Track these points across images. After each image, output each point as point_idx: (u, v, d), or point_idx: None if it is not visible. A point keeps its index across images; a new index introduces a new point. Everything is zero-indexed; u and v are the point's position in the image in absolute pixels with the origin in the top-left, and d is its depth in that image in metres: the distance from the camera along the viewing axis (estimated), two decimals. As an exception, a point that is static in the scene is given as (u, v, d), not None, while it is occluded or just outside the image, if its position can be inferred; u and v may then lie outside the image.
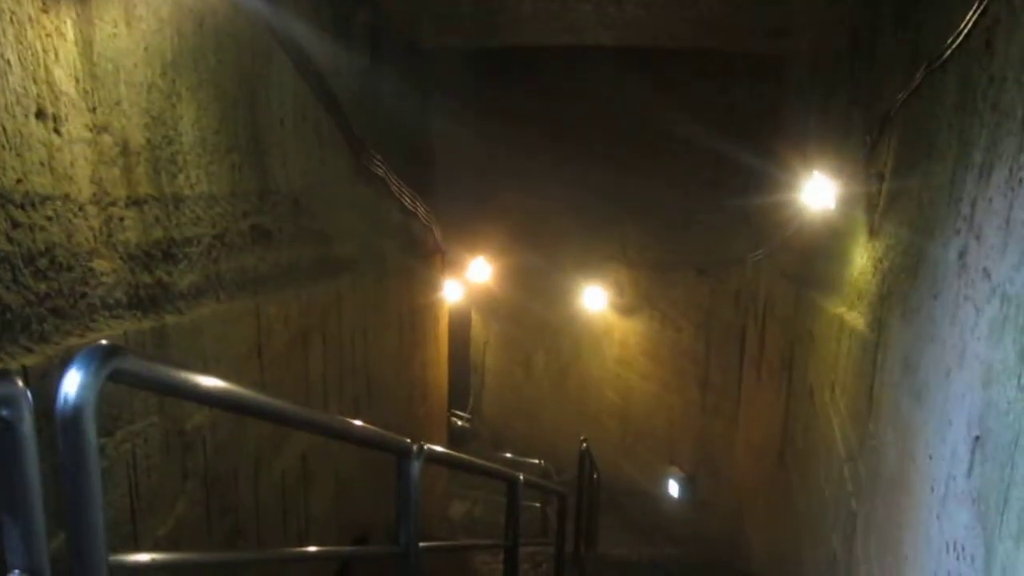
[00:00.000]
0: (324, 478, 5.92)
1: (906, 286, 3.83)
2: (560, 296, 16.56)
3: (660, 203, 14.13)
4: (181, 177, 3.72)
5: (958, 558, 2.39)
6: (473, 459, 4.67)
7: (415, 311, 9.10)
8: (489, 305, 18.76)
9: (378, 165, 6.92)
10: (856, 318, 5.03)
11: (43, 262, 2.78)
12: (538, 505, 12.36)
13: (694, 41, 9.35)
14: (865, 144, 5.22)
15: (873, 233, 5.07)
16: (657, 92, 12.80)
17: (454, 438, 16.79)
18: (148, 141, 3.44)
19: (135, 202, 3.34)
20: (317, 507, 5.75)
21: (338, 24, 6.31)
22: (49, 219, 2.81)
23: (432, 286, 10.19)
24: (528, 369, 18.93)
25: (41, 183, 2.76)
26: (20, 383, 1.36)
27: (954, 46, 3.22)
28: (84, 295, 3.00)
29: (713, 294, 13.93)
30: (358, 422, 3.15)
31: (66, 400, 1.47)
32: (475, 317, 20.20)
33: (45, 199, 2.78)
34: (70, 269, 2.92)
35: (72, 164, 2.94)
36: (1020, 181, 2.29)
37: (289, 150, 5.08)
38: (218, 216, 4.07)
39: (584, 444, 8.71)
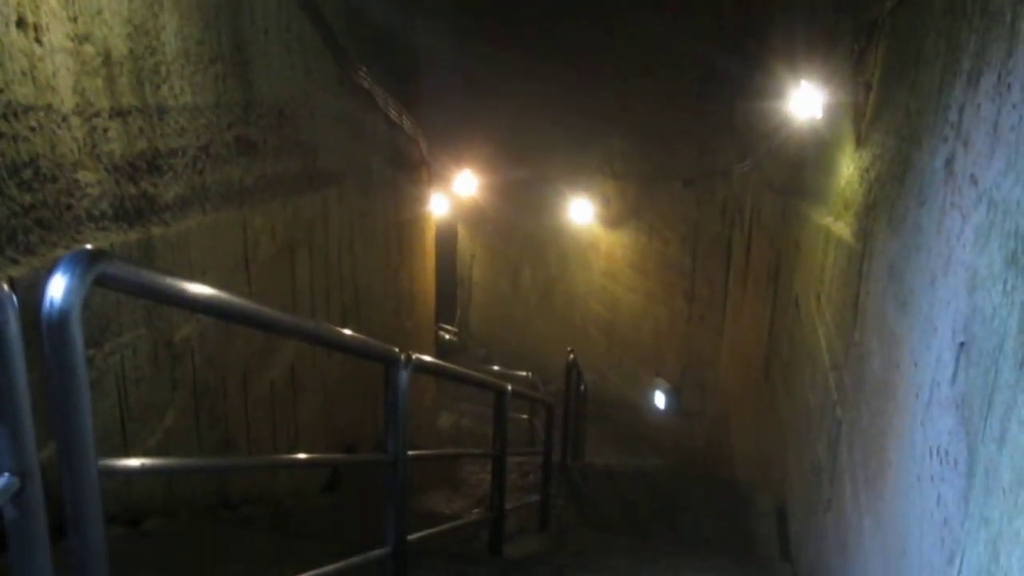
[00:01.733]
0: (312, 389, 5.97)
1: (893, 195, 3.82)
2: (547, 210, 16.57)
3: (647, 116, 14.05)
4: (165, 88, 3.67)
5: (941, 463, 2.43)
6: (461, 369, 4.69)
7: (401, 224, 9.08)
8: (476, 219, 18.75)
9: (363, 77, 6.85)
10: (842, 228, 5.03)
11: (27, 173, 2.75)
12: (525, 417, 12.48)
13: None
14: (852, 53, 5.18)
15: (860, 143, 5.05)
16: (643, 6, 12.65)
17: (442, 351, 16.89)
18: (131, 51, 3.39)
19: (119, 113, 3.30)
20: (306, 417, 5.80)
21: (321, -70, 6.20)
22: (32, 129, 2.77)
23: (418, 200, 10.16)
24: (515, 283, 19.01)
25: (24, 93, 2.72)
26: (4, 287, 1.36)
27: (945, -50, 3.18)
28: (69, 206, 2.98)
29: (699, 205, 13.92)
30: (347, 330, 3.15)
31: (52, 304, 1.46)
32: (461, 231, 20.20)
33: (28, 109, 2.75)
34: (54, 180, 2.89)
35: (54, 74, 2.89)
36: (1008, 87, 2.27)
37: (273, 61, 5.02)
38: (203, 127, 4.03)
39: (571, 356, 8.76)
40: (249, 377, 4.73)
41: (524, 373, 15.94)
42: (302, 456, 5.08)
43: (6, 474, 1.38)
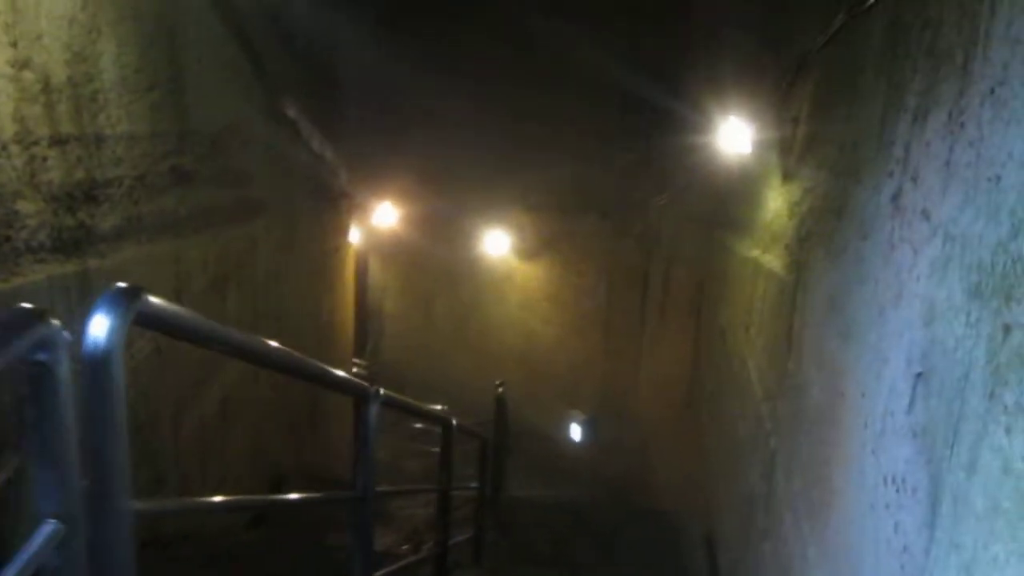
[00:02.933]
0: (243, 422, 5.85)
1: (830, 229, 3.90)
2: (462, 241, 16.52)
3: (564, 147, 14.14)
4: (102, 116, 3.59)
5: (898, 491, 2.47)
6: (418, 404, 4.70)
7: (324, 255, 9.00)
8: (390, 251, 18.64)
9: (289, 106, 6.78)
10: (772, 260, 5.12)
11: (-35, 203, 2.66)
12: (436, 450, 12.41)
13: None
14: (779, 88, 5.29)
15: (788, 177, 5.16)
16: (563, 33, 12.73)
17: (355, 383, 16.63)
18: (69, 78, 3.30)
19: (58, 141, 3.22)
20: (236, 451, 5.69)
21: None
22: (-29, 160, 2.69)
23: (339, 231, 10.08)
24: (428, 314, 18.88)
25: (-39, 120, 2.64)
26: (55, 323, 1.31)
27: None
28: (8, 238, 2.88)
29: (616, 237, 14.06)
30: (331, 368, 3.10)
31: (95, 344, 1.43)
32: (373, 263, 20.05)
33: (-33, 138, 2.67)
34: (-8, 212, 2.80)
35: (-8, 101, 2.81)
36: (961, 125, 2.34)
37: (206, 89, 4.94)
38: (139, 157, 3.95)
39: (500, 389, 8.75)
40: (181, 411, 4.62)
41: (439, 407, 15.80)
42: (289, 496, 4.94)
43: (52, 521, 1.31)
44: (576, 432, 14.99)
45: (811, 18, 4.69)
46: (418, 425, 14.50)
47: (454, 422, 4.81)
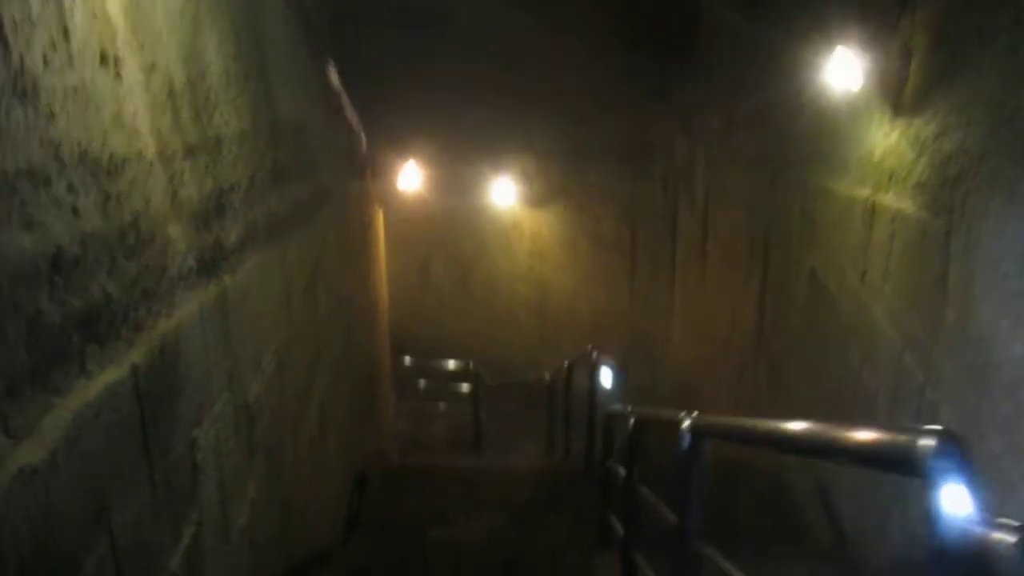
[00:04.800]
0: (334, 425, 5.53)
1: (1006, 169, 3.58)
2: (464, 191, 16.02)
3: (569, 87, 13.66)
4: (217, 115, 3.20)
5: None
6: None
7: (364, 230, 8.61)
8: (384, 205, 18.15)
9: (334, 78, 6.37)
10: (897, 201, 4.80)
11: (131, 238, 2.30)
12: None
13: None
14: (890, 13, 4.94)
15: (902, 111, 4.83)
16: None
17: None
18: (188, 78, 2.92)
19: (189, 152, 2.84)
20: (332, 457, 5.38)
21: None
22: (131, 184, 2.32)
23: (370, 201, 9.68)
24: (426, 270, 18.38)
25: (118, 143, 2.26)
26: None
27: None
28: (164, 269, 2.53)
29: (637, 180, 13.65)
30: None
31: None
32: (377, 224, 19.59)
33: (124, 161, 2.29)
34: (152, 240, 2.44)
35: (135, 115, 2.43)
36: None
37: (283, 73, 4.54)
38: (248, 156, 3.57)
39: (594, 353, 8.40)
40: (297, 425, 4.29)
41: (458, 362, 15.41)
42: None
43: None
44: (607, 379, 14.66)
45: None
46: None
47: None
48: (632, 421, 3.87)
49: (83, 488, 1.90)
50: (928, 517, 1.64)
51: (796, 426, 2.35)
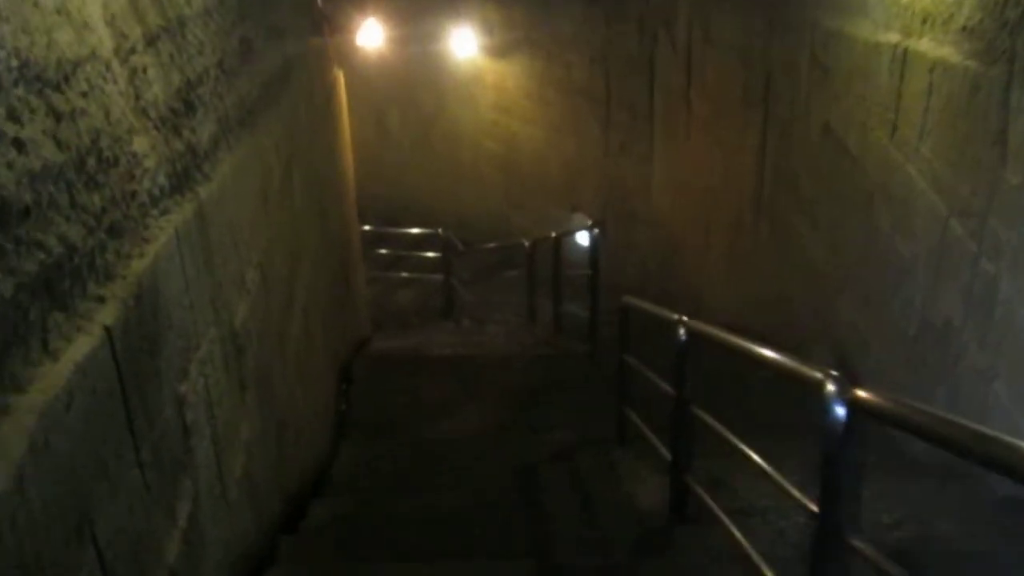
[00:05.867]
0: (315, 327, 5.09)
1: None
2: (420, 43, 15.18)
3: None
4: (178, -10, 2.64)
5: None
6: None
7: (328, 95, 7.98)
8: (343, 63, 17.29)
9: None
10: (935, 48, 4.32)
11: (91, 163, 1.81)
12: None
13: None
14: None
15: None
16: None
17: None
18: (140, -56, 2.35)
19: (150, 41, 2.31)
20: (318, 360, 4.97)
21: None
22: (84, 95, 1.82)
23: (331, 62, 8.98)
24: (383, 125, 17.65)
25: (66, 42, 1.75)
26: None
27: None
28: (133, 194, 2.04)
29: (609, 22, 12.85)
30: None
31: None
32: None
33: (75, 65, 1.78)
34: (116, 163, 1.94)
35: (84, 2, 1.90)
36: None
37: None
38: (215, 35, 3.01)
39: (595, 230, 7.99)
40: (283, 340, 3.86)
41: (434, 230, 14.81)
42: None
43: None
44: (583, 238, 14.15)
45: None
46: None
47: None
48: (682, 332, 3.44)
49: (59, 507, 1.47)
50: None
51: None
